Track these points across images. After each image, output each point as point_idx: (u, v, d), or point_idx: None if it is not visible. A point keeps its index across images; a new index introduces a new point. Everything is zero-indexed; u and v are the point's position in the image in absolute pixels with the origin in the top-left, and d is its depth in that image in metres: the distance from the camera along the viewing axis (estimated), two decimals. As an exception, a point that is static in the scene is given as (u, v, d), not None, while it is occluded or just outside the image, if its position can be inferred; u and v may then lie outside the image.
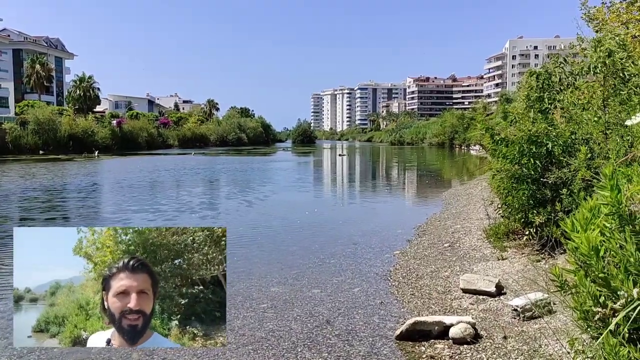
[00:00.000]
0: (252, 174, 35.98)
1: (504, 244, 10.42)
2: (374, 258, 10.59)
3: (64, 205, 20.23)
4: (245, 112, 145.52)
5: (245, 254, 10.92)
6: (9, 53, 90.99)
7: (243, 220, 15.64)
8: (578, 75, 9.27)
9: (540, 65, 13.91)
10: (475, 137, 58.10)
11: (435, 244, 11.58)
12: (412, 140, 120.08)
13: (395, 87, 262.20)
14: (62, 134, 68.87)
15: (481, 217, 14.20)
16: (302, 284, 8.69)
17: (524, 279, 8.10)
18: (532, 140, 8.83)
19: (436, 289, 8.13)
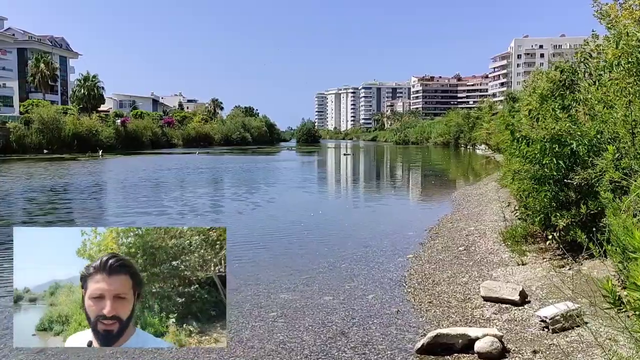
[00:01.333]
0: (257, 174, 35.58)
1: (522, 248, 9.96)
2: (386, 262, 10.15)
3: (62, 206, 19.86)
4: (249, 112, 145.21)
5: (252, 257, 10.50)
6: (13, 52, 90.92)
7: (248, 222, 15.20)
8: (603, 70, 8.78)
9: (545, 65, 13.43)
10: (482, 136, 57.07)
11: (449, 247, 11.13)
12: (416, 140, 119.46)
13: (400, 87, 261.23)
14: (67, 133, 68.70)
15: (495, 219, 13.74)
16: (313, 290, 8.26)
17: (548, 286, 7.66)
18: (556, 139, 8.36)
19: (455, 296, 7.69)
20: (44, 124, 66.72)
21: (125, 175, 33.80)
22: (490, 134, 61.10)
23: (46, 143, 66.48)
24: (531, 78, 54.10)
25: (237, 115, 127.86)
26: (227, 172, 36.95)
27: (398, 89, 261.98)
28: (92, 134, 71.99)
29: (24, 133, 65.61)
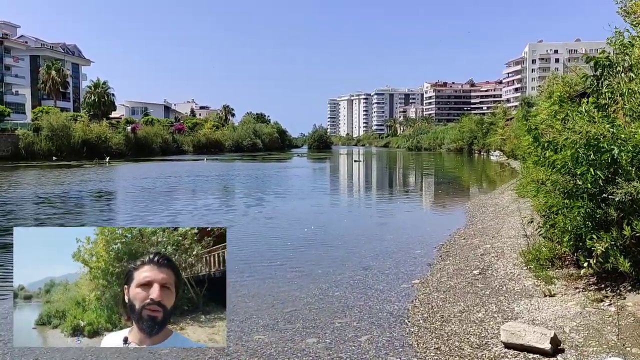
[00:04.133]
0: (264, 182, 34.22)
1: (548, 273, 8.42)
2: (387, 289, 8.66)
3: (41, 217, 18.68)
4: (261, 118, 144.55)
5: (232, 283, 9.07)
6: (26, 60, 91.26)
7: (238, 237, 13.70)
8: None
9: (561, 70, 11.94)
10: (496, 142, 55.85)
11: (462, 271, 9.61)
12: (429, 146, 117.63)
13: (413, 92, 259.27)
14: (76, 140, 68.33)
15: (514, 234, 12.20)
16: (295, 329, 6.80)
17: (584, 327, 6.14)
18: (591, 145, 6.84)
19: (468, 339, 6.18)
20: (53, 130, 66.43)
21: (124, 183, 32.69)
22: (505, 139, 59.35)
23: (55, 150, 66.14)
24: (547, 83, 52.44)
25: (249, 122, 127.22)
26: (232, 180, 35.65)
27: (411, 95, 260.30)
28: (102, 140, 71.59)
29: (33, 140, 65.37)
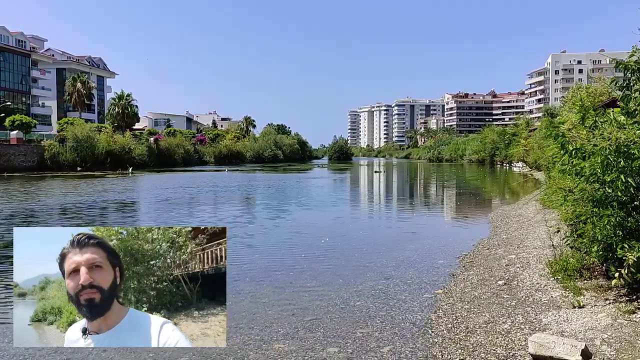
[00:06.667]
0: (285, 192, 34.27)
1: (577, 284, 8.17)
2: (410, 299, 8.50)
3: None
4: (281, 129, 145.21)
5: (253, 291, 9.01)
6: (52, 72, 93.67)
7: (257, 246, 13.59)
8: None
9: (585, 80, 11.67)
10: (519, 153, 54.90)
11: (486, 281, 9.40)
12: (450, 157, 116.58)
13: (433, 104, 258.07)
14: (100, 151, 69.44)
15: (539, 245, 11.92)
16: (316, 338, 6.69)
17: (616, 339, 5.90)
18: (622, 151, 6.65)
19: (495, 352, 6.00)
20: (78, 141, 67.69)
21: (143, 194, 33.07)
22: (527, 150, 58.44)
23: (80, 160, 67.36)
24: (571, 93, 51.24)
25: (270, 133, 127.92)
26: (252, 190, 35.79)
27: (432, 106, 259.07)
28: (125, 151, 72.64)
29: (58, 150, 66.73)
